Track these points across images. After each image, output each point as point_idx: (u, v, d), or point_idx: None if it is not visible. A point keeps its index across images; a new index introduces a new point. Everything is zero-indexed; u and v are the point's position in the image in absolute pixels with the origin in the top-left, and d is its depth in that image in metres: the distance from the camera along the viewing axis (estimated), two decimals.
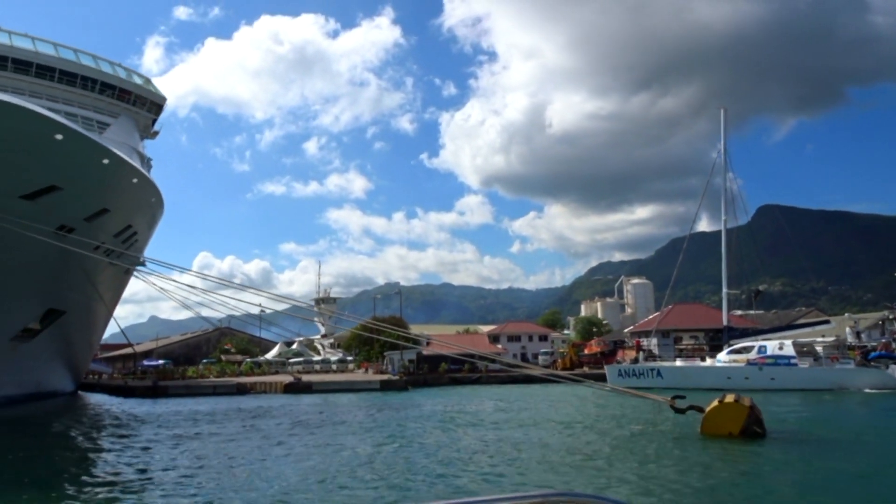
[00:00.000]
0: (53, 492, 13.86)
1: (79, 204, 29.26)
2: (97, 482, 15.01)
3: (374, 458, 17.44)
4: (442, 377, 55.40)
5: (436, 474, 14.76)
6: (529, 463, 16.19)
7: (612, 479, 13.95)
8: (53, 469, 17.21)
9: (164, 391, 47.54)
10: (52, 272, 32.97)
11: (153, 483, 14.70)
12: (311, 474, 15.14)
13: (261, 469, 16.19)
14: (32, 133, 24.51)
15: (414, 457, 17.50)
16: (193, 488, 13.93)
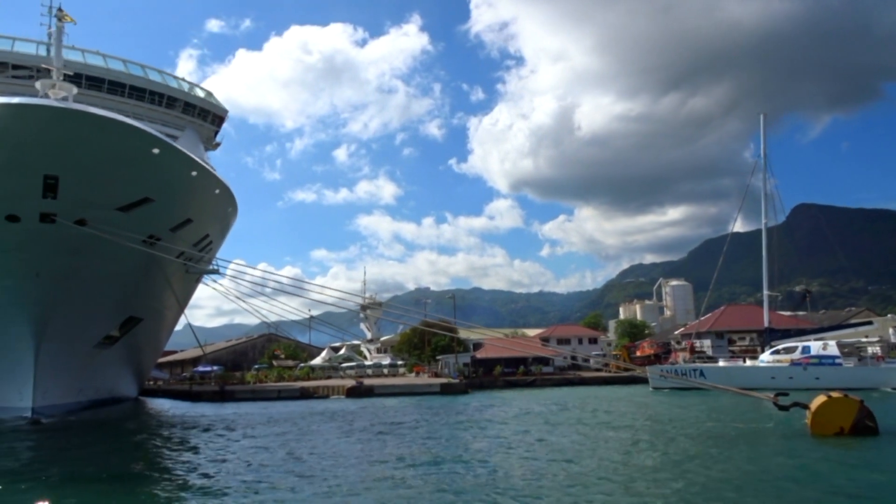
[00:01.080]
0: (211, 486, 14.58)
1: (166, 215, 30.35)
2: (233, 477, 15.69)
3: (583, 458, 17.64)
4: (497, 380, 55.75)
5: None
6: (675, 469, 16.06)
7: (747, 480, 14.12)
8: (200, 470, 17.97)
9: (230, 395, 48.70)
10: (135, 281, 34.19)
11: (297, 477, 15.33)
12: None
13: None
14: (133, 148, 25.59)
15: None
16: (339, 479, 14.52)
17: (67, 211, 26.38)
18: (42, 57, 41.32)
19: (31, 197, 25.50)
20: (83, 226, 26.96)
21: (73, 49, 45.68)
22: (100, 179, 26.05)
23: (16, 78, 41.95)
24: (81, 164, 24.98)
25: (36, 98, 25.15)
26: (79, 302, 31.61)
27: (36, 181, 24.99)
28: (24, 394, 32.85)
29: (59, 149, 24.12)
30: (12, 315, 29.96)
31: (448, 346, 66.06)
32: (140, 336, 42.21)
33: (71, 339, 33.90)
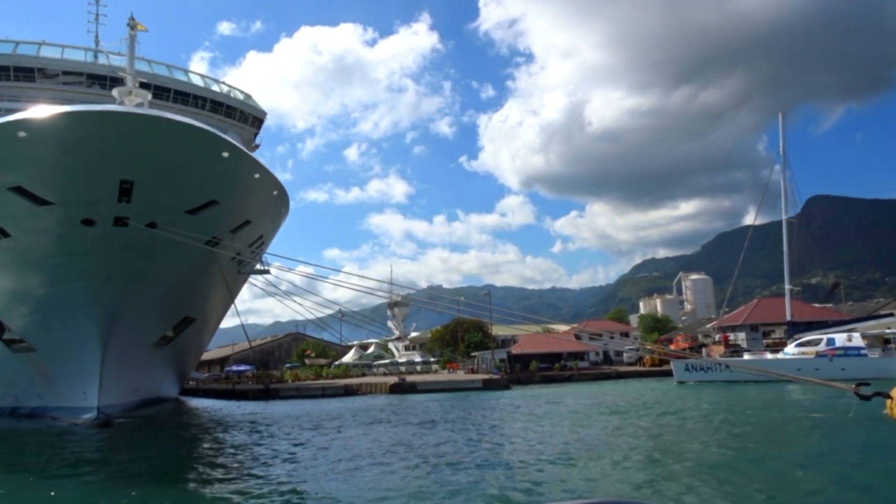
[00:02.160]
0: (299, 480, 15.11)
1: (229, 217, 30.94)
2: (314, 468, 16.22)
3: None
4: (534, 375, 56.17)
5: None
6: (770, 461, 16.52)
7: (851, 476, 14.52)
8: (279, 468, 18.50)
9: (275, 393, 49.39)
10: (194, 282, 34.89)
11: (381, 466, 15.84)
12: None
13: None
14: (205, 152, 26.16)
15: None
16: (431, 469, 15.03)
17: (140, 214, 27.00)
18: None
19: (106, 201, 26.14)
20: (154, 228, 27.61)
21: (120, 55, 46.54)
22: (172, 183, 26.66)
23: (66, 84, 42.88)
24: (156, 168, 25.59)
25: (115, 105, 25.76)
26: (143, 303, 32.34)
27: (113, 186, 25.62)
28: (89, 393, 33.59)
29: (137, 154, 24.72)
30: (81, 316, 30.69)
31: (481, 342, 66.54)
32: (189, 336, 43.00)
33: (133, 339, 34.66)
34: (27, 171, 24.93)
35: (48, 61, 42.25)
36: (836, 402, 26.84)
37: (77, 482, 16.87)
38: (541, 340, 59.48)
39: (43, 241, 27.64)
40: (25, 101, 40.55)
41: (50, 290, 29.85)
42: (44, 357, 34.54)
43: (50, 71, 42.12)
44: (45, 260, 28.41)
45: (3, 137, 23.90)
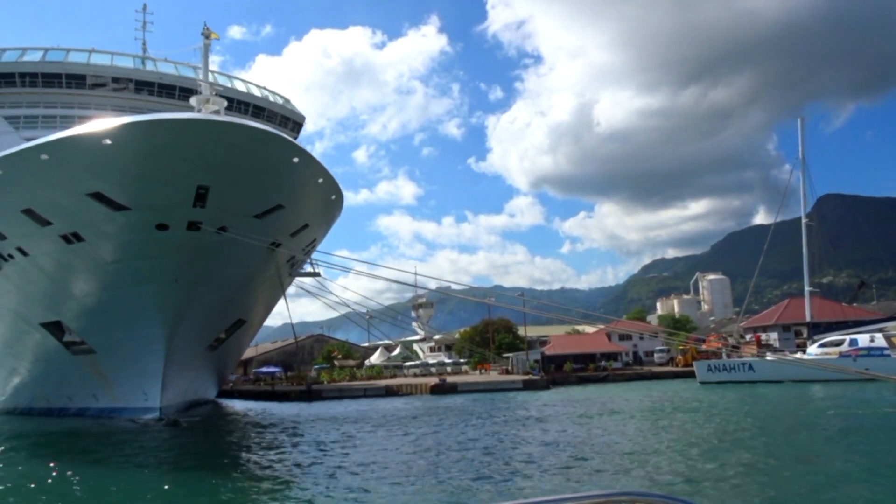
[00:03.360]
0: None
1: (291, 221, 31.52)
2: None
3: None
4: (570, 376, 56.56)
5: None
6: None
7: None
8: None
9: (318, 395, 49.95)
10: (251, 285, 35.51)
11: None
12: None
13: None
14: (277, 157, 26.74)
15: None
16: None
17: (212, 219, 27.60)
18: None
19: (182, 207, 26.76)
20: (224, 232, 28.21)
21: (166, 62, 47.33)
22: (244, 188, 27.23)
23: (115, 91, 43.61)
24: (231, 173, 26.17)
25: (193, 113, 26.36)
26: (204, 306, 32.97)
27: (190, 191, 26.23)
28: (151, 394, 34.26)
29: (215, 160, 25.32)
30: (147, 318, 31.32)
31: (513, 343, 66.96)
32: (237, 339, 43.67)
33: (193, 341, 35.32)
34: (108, 177, 25.57)
35: (98, 68, 43.00)
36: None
37: (176, 474, 17.47)
38: (573, 341, 59.91)
39: (116, 246, 28.29)
40: (78, 108, 41.43)
41: (118, 293, 30.47)
42: (103, 359, 35.20)
43: (100, 78, 42.86)
44: (117, 263, 29.05)
45: (89, 146, 24.55)
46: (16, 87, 41.67)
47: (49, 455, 23.26)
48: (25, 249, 30.34)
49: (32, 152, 25.48)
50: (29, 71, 41.69)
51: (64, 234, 28.45)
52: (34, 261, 30.84)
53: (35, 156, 25.46)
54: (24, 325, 36.58)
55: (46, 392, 41.47)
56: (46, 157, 25.31)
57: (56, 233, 28.46)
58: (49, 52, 43.20)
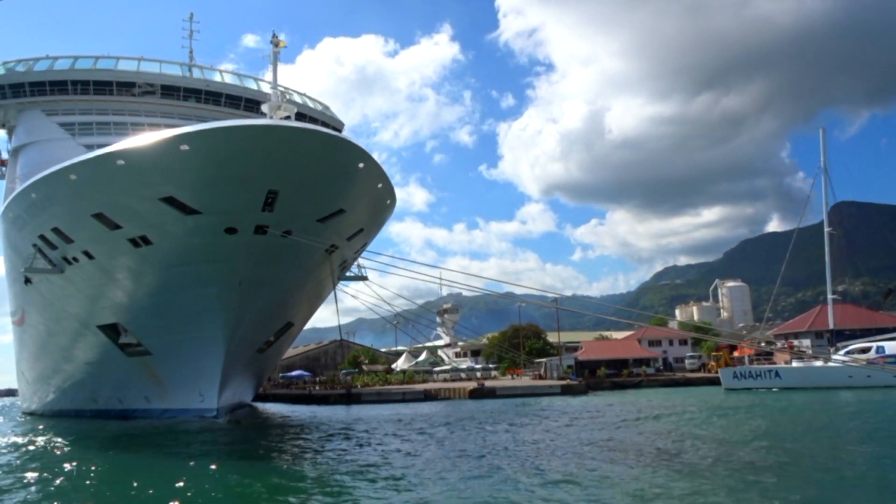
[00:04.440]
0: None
1: (349, 225, 32.00)
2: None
3: None
4: (604, 381, 56.79)
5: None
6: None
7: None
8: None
9: (357, 398, 50.37)
10: (305, 288, 36.06)
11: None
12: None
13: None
14: (344, 162, 27.26)
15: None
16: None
17: (279, 223, 28.14)
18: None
19: (252, 211, 27.30)
20: (289, 236, 28.77)
21: (211, 69, 48.19)
22: (311, 193, 27.73)
23: (164, 98, 44.43)
24: (300, 178, 26.68)
25: (266, 119, 26.96)
26: (262, 308, 33.53)
27: (260, 196, 26.77)
28: (208, 396, 34.80)
29: (286, 165, 25.85)
30: (208, 321, 31.87)
31: (543, 349, 67.24)
32: (283, 342, 44.23)
33: (247, 344, 35.90)
34: (182, 182, 26.16)
35: (148, 76, 43.88)
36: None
37: (261, 468, 17.95)
38: (605, 346, 60.15)
39: (184, 249, 28.84)
40: (129, 115, 42.29)
41: (181, 296, 31.05)
42: (159, 361, 35.79)
43: (149, 86, 43.71)
44: (183, 266, 29.61)
45: (166, 151, 25.17)
46: (68, 94, 42.58)
47: (128, 453, 23.84)
48: (92, 253, 30.99)
49: (109, 158, 26.12)
50: (81, 79, 42.60)
51: (132, 238, 29.06)
52: (99, 264, 31.49)
53: (111, 161, 26.11)
54: (79, 326, 37.25)
55: (96, 393, 42.09)
56: (123, 162, 25.95)
57: (125, 236, 29.09)
58: (100, 59, 44.12)
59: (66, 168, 27.53)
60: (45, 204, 29.97)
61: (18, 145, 41.13)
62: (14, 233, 34.65)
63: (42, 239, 32.38)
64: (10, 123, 43.87)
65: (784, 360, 59.37)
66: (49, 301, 37.45)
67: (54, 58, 43.79)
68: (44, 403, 49.71)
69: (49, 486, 16.84)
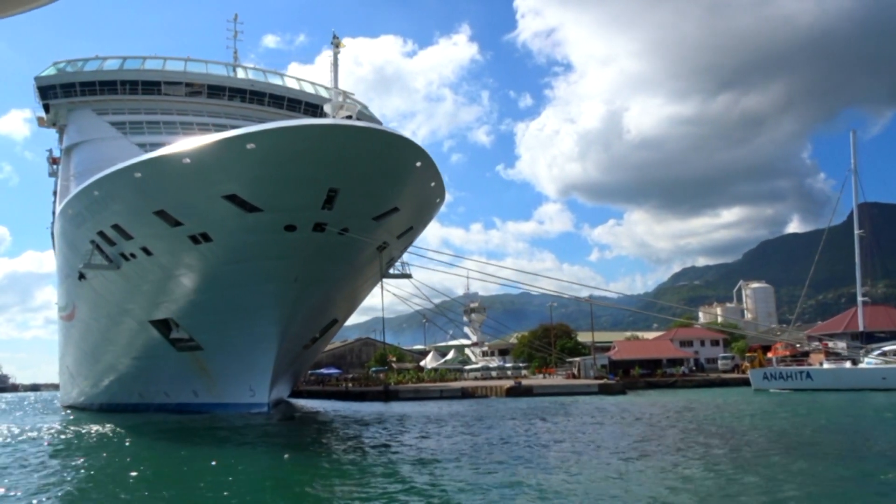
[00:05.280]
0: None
1: (401, 222, 32.38)
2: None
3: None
4: (638, 381, 56.78)
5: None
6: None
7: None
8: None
9: (395, 395, 50.79)
10: (353, 285, 36.54)
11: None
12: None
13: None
14: (402, 161, 27.63)
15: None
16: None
17: (337, 220, 28.59)
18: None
19: (312, 208, 27.76)
20: (346, 234, 29.20)
21: (255, 69, 48.84)
22: (369, 191, 28.15)
23: (210, 98, 45.11)
24: (360, 177, 27.08)
25: (330, 119, 27.37)
26: (313, 305, 34.04)
27: (321, 194, 27.22)
28: (259, 391, 35.38)
29: (347, 164, 26.25)
30: (263, 316, 32.40)
31: (575, 348, 67.30)
32: (324, 339, 44.76)
33: (296, 340, 36.45)
34: (246, 180, 26.66)
35: (194, 76, 44.59)
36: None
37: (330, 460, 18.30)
38: (638, 346, 60.09)
39: (243, 246, 29.35)
40: (177, 115, 43.00)
41: (238, 292, 31.59)
42: (209, 356, 36.41)
43: (196, 86, 44.42)
44: (241, 263, 30.14)
45: (232, 149, 25.68)
46: (117, 94, 43.40)
47: (189, 446, 24.35)
48: (150, 249, 31.62)
49: (175, 156, 26.69)
50: (130, 79, 43.42)
51: (193, 235, 29.64)
52: (157, 260, 32.12)
53: (177, 160, 26.67)
54: (131, 321, 37.96)
55: (143, 388, 42.84)
56: (189, 160, 26.51)
57: (185, 233, 29.68)
58: (147, 60, 44.91)
59: (132, 166, 28.13)
60: (107, 201, 30.61)
61: (71, 144, 41.98)
62: (72, 230, 35.41)
63: (101, 235, 33.06)
64: (61, 122, 44.80)
65: (819, 361, 59.00)
66: (102, 296, 38.22)
67: (103, 58, 44.61)
68: (88, 397, 50.66)
69: (109, 477, 17.30)
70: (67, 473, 17.81)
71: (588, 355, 64.60)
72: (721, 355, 68.20)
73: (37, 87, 44.22)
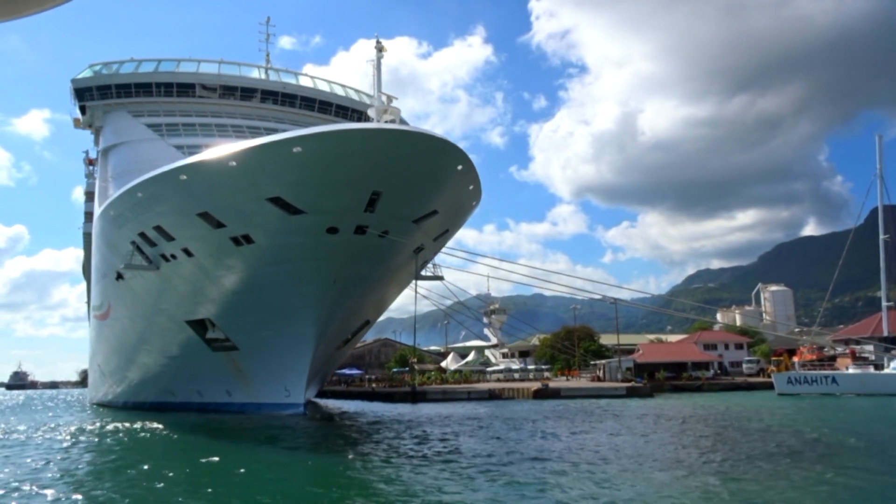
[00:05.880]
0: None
1: (438, 225, 32.61)
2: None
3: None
4: (663, 384, 56.63)
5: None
6: None
7: None
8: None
9: (422, 396, 50.99)
10: (387, 287, 36.81)
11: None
12: None
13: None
14: (445, 165, 27.82)
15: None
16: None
17: (378, 223, 28.85)
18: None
19: (355, 211, 28.02)
20: (386, 236, 29.46)
21: (287, 72, 49.25)
22: (411, 194, 28.40)
23: (242, 100, 45.56)
24: (403, 180, 27.33)
25: (374, 123, 27.62)
26: (349, 306, 34.33)
27: (364, 197, 27.49)
28: (295, 391, 35.69)
29: (391, 167, 26.49)
30: (301, 317, 32.71)
31: (598, 350, 67.23)
32: (355, 340, 45.05)
33: (331, 341, 36.74)
34: (291, 183, 26.96)
35: (228, 79, 45.09)
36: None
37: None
38: (663, 349, 59.93)
39: (285, 248, 29.68)
40: (211, 117, 43.46)
41: (277, 293, 31.94)
42: (245, 356, 36.78)
43: (230, 89, 44.91)
44: (282, 265, 30.46)
45: (279, 153, 25.99)
46: (153, 96, 43.98)
47: (237, 445, 24.66)
48: (191, 250, 32.03)
49: (222, 159, 27.03)
50: (165, 81, 43.99)
51: (234, 237, 30.00)
52: (197, 261, 32.52)
53: (224, 163, 27.01)
54: (167, 321, 38.42)
55: (175, 387, 43.34)
56: (235, 163, 26.84)
57: (227, 235, 30.03)
58: (182, 62, 45.45)
59: (177, 169, 28.51)
60: (150, 203, 31.03)
61: (108, 146, 42.57)
62: (112, 230, 35.90)
63: (142, 236, 33.52)
64: (97, 124, 45.44)
65: (845, 366, 58.58)
66: (139, 296, 38.72)
67: (139, 60, 45.19)
68: (119, 395, 51.28)
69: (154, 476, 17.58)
70: (131, 478, 18.12)
71: (610, 358, 64.55)
72: (746, 359, 67.91)
73: (73, 90, 44.89)
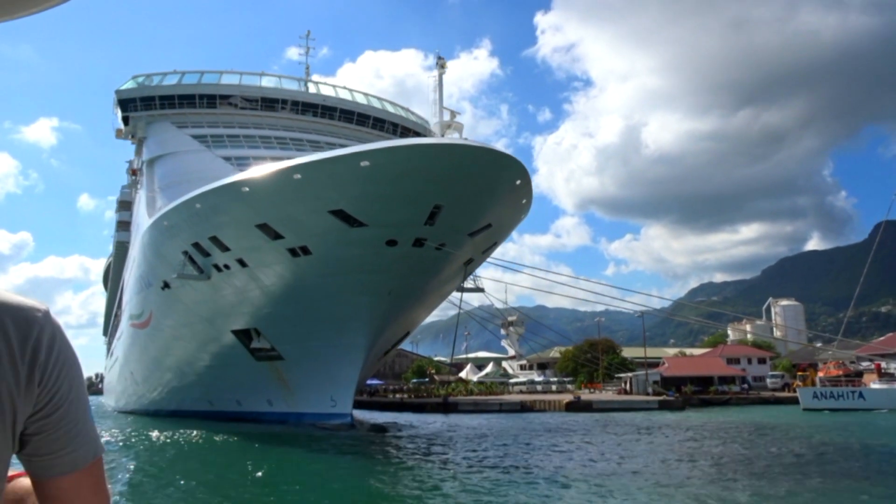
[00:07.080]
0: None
1: (490, 238, 33.10)
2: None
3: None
4: (691, 398, 56.82)
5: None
6: None
7: None
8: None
9: (454, 407, 51.24)
10: (432, 298, 37.23)
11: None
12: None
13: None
14: (504, 179, 28.33)
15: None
16: None
17: (436, 236, 29.29)
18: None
19: (414, 224, 28.48)
20: (442, 248, 29.92)
21: (325, 84, 49.95)
22: (469, 208, 28.88)
23: (282, 112, 46.15)
24: (463, 193, 27.82)
25: (439, 138, 28.14)
26: (398, 317, 34.72)
27: (425, 210, 27.96)
28: (342, 401, 35.93)
29: (453, 181, 26.98)
30: (352, 328, 33.05)
31: (621, 363, 67.51)
32: (394, 350, 45.44)
33: (377, 351, 37.12)
34: (355, 196, 27.44)
35: (269, 91, 45.74)
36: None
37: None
38: (688, 363, 60.20)
39: (343, 259, 30.09)
40: (253, 128, 44.07)
41: (331, 304, 32.29)
42: (290, 365, 37.03)
43: (270, 101, 45.53)
44: (339, 276, 30.85)
45: (345, 167, 26.51)
46: (195, 107, 44.59)
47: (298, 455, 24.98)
48: (246, 261, 32.42)
49: (287, 172, 27.52)
50: (208, 93, 44.62)
51: (292, 248, 30.44)
52: (251, 271, 32.91)
53: (288, 176, 27.49)
54: (212, 329, 38.73)
55: (212, 395, 43.55)
56: (300, 176, 27.33)
57: (285, 246, 30.46)
58: (224, 74, 46.12)
59: (239, 182, 29.01)
60: (208, 214, 31.46)
61: (153, 157, 43.07)
62: (164, 240, 36.30)
63: (195, 246, 33.93)
64: (140, 135, 45.98)
65: (870, 381, 58.86)
66: (186, 305, 39.03)
67: (182, 72, 45.86)
68: (153, 402, 51.48)
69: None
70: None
71: (633, 370, 64.83)
72: (770, 374, 68.14)
73: (117, 100, 45.52)
